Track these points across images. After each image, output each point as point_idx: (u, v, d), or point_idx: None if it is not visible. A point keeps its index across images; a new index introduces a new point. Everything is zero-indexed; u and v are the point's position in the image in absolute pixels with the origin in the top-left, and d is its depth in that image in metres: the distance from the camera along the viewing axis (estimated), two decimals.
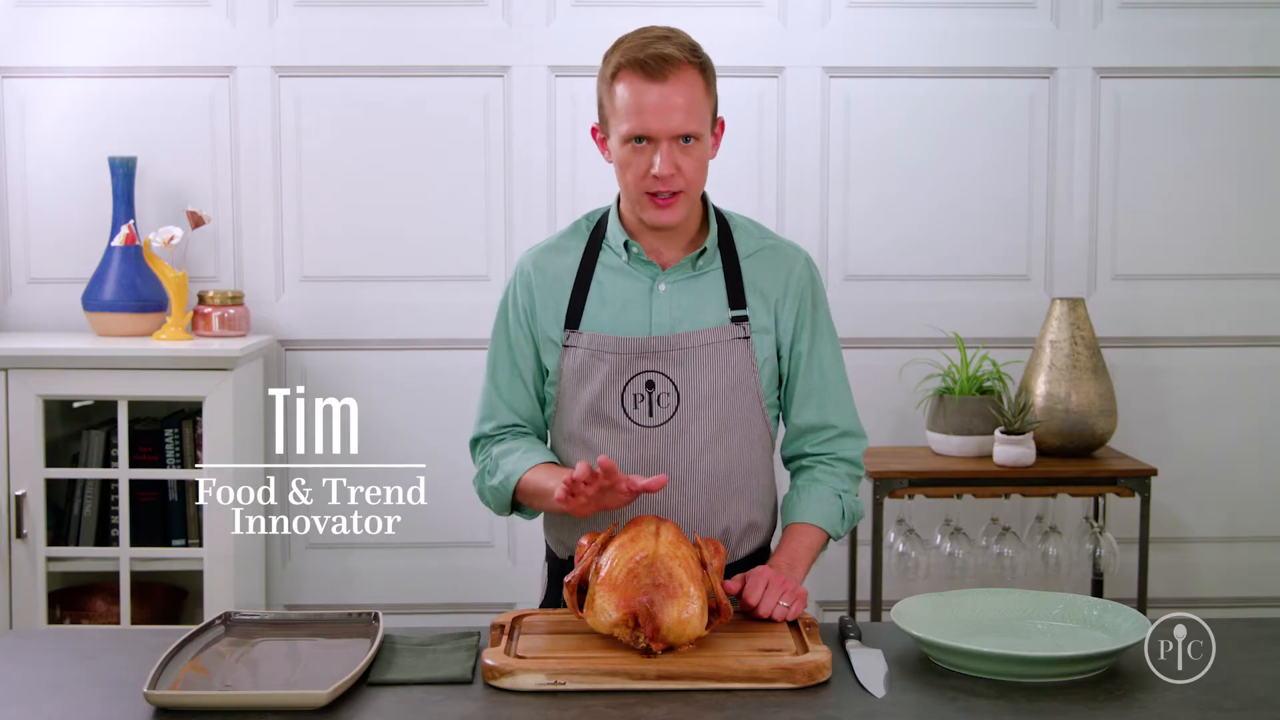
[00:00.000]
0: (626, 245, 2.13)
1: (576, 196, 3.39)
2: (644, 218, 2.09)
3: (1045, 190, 3.47)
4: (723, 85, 3.28)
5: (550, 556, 2.26)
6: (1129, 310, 3.49)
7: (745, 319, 2.12)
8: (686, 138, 2.03)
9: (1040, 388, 3.22)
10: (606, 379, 2.09)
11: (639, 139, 2.03)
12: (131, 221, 3.29)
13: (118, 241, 3.26)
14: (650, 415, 2.09)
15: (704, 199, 2.18)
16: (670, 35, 2.06)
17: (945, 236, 3.47)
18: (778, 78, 3.43)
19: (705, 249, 2.13)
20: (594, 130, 2.15)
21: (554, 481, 2.01)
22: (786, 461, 2.25)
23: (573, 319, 2.13)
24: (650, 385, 2.09)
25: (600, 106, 2.11)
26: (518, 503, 2.17)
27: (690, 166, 2.05)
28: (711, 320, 2.11)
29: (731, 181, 3.39)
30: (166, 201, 3.41)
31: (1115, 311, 3.48)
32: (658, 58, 2.01)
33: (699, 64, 2.06)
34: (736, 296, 2.13)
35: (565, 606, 2.10)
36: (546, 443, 2.24)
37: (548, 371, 2.17)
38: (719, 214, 2.19)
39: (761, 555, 2.20)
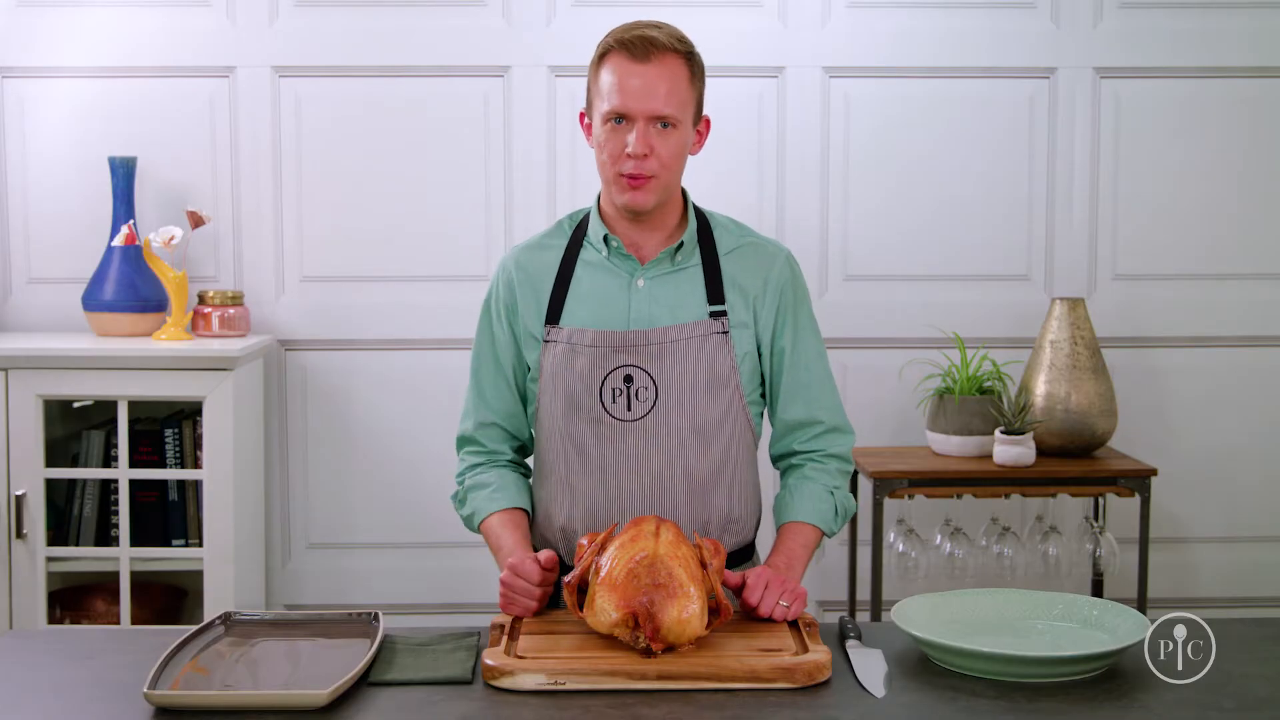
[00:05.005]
0: (606, 239, 2.16)
1: (576, 196, 3.39)
2: (617, 200, 2.11)
3: (1045, 190, 3.47)
4: (723, 85, 3.33)
5: None
6: (1129, 310, 3.49)
7: (724, 314, 2.13)
8: (665, 123, 2.06)
9: (1040, 388, 3.22)
10: (585, 373, 2.11)
11: (618, 119, 2.06)
12: (131, 221, 3.29)
13: (118, 241, 3.26)
14: (628, 409, 2.10)
15: (684, 196, 2.21)
16: (660, 25, 2.11)
17: (945, 236, 3.47)
18: (778, 78, 3.43)
19: (683, 243, 2.15)
20: (581, 116, 2.18)
21: (506, 541, 2.12)
22: (776, 460, 2.26)
23: (553, 314, 2.15)
24: (628, 379, 2.10)
25: (587, 91, 2.15)
26: None
27: (666, 152, 2.07)
28: (690, 315, 2.12)
29: (732, 181, 3.40)
30: (166, 201, 3.41)
31: (1115, 311, 3.48)
32: (643, 40, 2.06)
33: (685, 53, 2.10)
34: (715, 292, 2.14)
35: (551, 604, 2.10)
36: (529, 442, 2.27)
37: (529, 368, 2.19)
38: (699, 211, 2.21)
39: (745, 551, 2.21)
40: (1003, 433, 3.14)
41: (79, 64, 3.38)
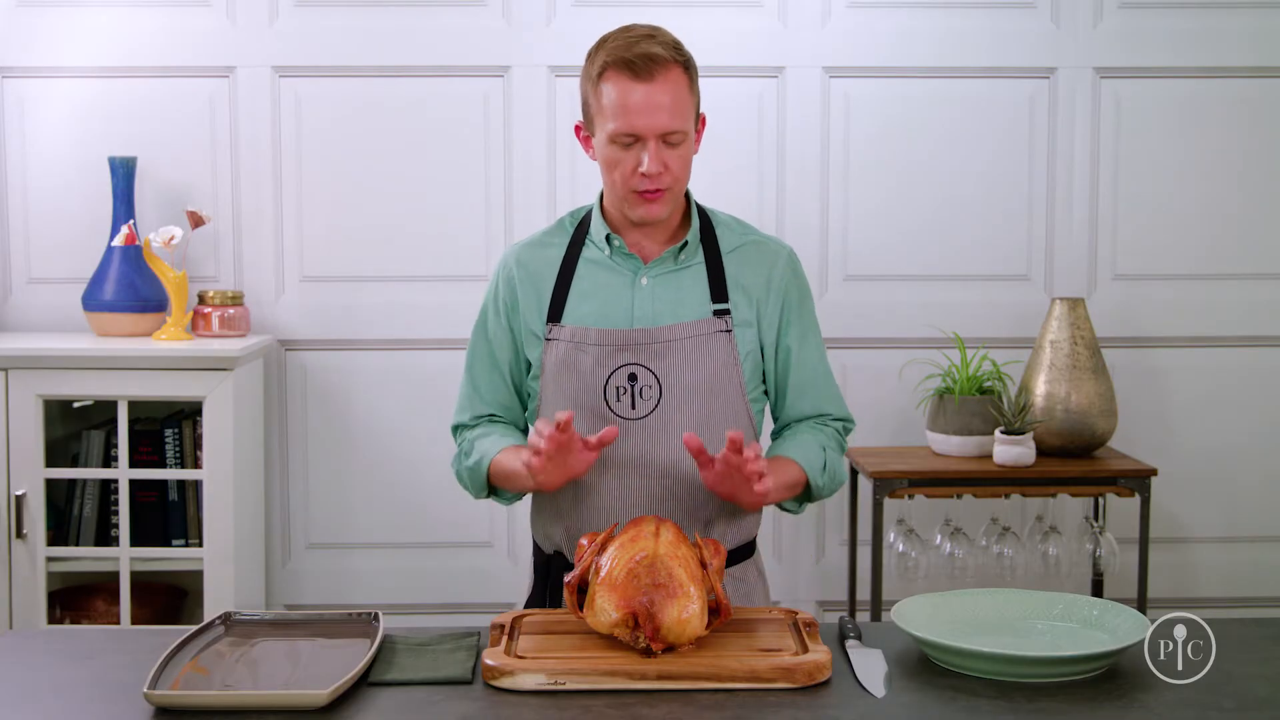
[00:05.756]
0: (609, 239, 2.16)
1: (576, 196, 3.38)
2: (631, 215, 2.12)
3: (1045, 190, 3.47)
4: (723, 85, 3.33)
5: (536, 551, 2.26)
6: (1129, 310, 3.49)
7: (727, 313, 2.14)
8: (672, 135, 2.06)
9: (1040, 388, 3.22)
10: (589, 371, 2.11)
11: (627, 138, 2.06)
12: (131, 221, 3.29)
13: (118, 241, 3.26)
14: (633, 408, 2.10)
15: (687, 194, 2.21)
16: (654, 34, 2.09)
17: (945, 236, 3.47)
18: (778, 78, 3.43)
19: (687, 242, 2.15)
20: (578, 128, 2.18)
21: (523, 456, 2.02)
22: (775, 435, 2.27)
23: (555, 312, 2.16)
24: (633, 378, 2.10)
25: (585, 105, 2.14)
26: (494, 486, 2.18)
27: (676, 164, 2.08)
28: (693, 313, 2.13)
29: (732, 181, 3.40)
30: (166, 201, 3.41)
31: (1115, 311, 3.48)
32: (644, 57, 2.04)
33: (683, 62, 2.09)
34: (719, 290, 2.15)
35: (552, 604, 2.11)
36: (524, 435, 2.26)
37: (529, 365, 2.19)
38: (701, 210, 2.22)
39: (747, 551, 2.22)
40: (1003, 433, 3.14)
41: (79, 64, 3.38)
